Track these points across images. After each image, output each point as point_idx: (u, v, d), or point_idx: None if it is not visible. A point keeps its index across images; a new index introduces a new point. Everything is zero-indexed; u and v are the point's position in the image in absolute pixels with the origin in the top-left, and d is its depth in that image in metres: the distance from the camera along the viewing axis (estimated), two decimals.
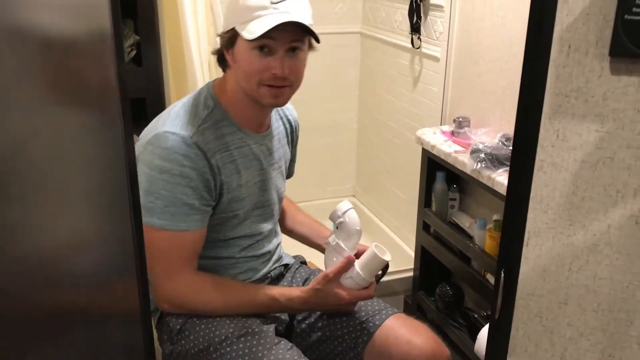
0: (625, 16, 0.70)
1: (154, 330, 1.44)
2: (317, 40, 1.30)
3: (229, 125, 1.34)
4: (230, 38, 1.29)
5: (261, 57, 1.26)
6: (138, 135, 1.38)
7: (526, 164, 0.81)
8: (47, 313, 0.67)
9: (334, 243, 1.38)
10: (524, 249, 0.84)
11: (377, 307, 1.46)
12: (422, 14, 2.35)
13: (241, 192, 1.37)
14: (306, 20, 1.28)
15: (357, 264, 1.35)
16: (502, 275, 0.87)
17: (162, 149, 1.25)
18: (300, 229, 1.67)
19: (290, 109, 1.57)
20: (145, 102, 2.01)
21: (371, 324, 1.42)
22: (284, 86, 1.30)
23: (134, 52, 2.01)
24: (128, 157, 0.87)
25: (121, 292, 0.91)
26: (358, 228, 1.39)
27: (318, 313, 1.46)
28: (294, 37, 1.27)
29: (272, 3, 1.24)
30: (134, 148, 0.89)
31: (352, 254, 1.38)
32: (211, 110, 1.33)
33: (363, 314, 1.43)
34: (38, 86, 0.64)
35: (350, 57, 3.05)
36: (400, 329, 1.41)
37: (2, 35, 0.55)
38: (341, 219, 1.37)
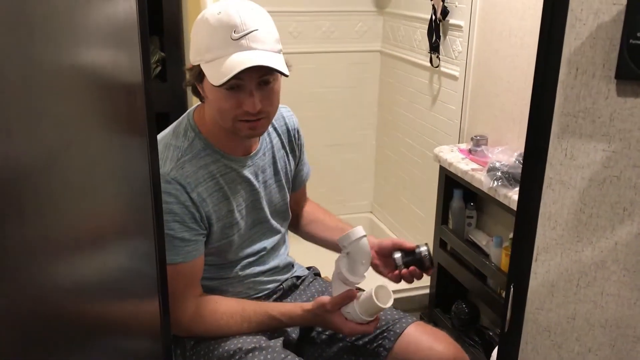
0: (631, 41, 0.73)
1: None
2: (285, 75, 1.24)
3: (212, 153, 1.33)
4: (198, 74, 1.26)
5: (231, 95, 1.23)
6: None
7: (535, 182, 0.83)
8: (71, 325, 0.70)
9: (339, 272, 1.33)
10: (533, 264, 0.86)
11: (396, 316, 1.47)
12: (441, 34, 2.39)
13: (233, 217, 1.36)
14: (272, 49, 1.24)
15: (356, 301, 1.30)
16: (512, 289, 0.89)
17: None
18: (332, 235, 1.58)
19: (286, 116, 1.49)
20: (168, 116, 2.06)
21: (392, 332, 1.44)
22: (259, 119, 1.27)
23: (159, 68, 2.08)
24: (152, 173, 0.90)
25: (143, 307, 0.94)
26: (364, 261, 1.31)
27: None
28: (262, 73, 1.22)
29: (233, 39, 1.19)
30: (158, 165, 0.93)
31: (360, 281, 1.34)
32: (192, 141, 1.32)
33: (383, 323, 1.43)
34: (70, 103, 0.67)
35: (369, 75, 3.09)
36: (422, 335, 1.43)
37: (39, 58, 0.59)
38: (348, 249, 1.30)
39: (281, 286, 1.52)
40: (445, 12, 2.32)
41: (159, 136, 1.37)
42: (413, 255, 1.43)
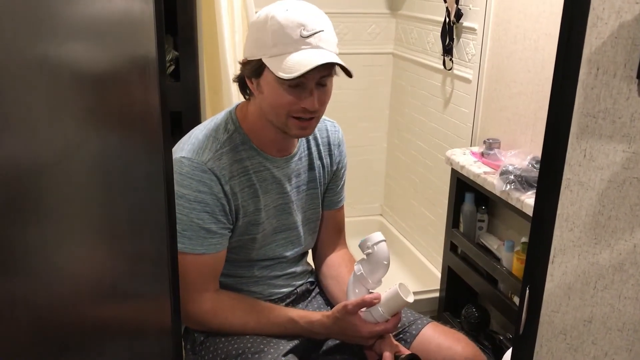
0: None
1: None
2: (350, 76, 1.27)
3: (249, 149, 1.34)
4: (257, 69, 1.27)
5: (291, 91, 1.25)
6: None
7: (553, 182, 0.82)
8: (83, 326, 0.70)
9: (359, 273, 1.35)
10: (550, 266, 0.85)
11: (411, 318, 1.48)
12: (454, 36, 2.38)
13: (260, 216, 1.37)
14: (334, 51, 1.27)
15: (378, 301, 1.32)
16: (527, 291, 0.88)
17: (178, 174, 1.27)
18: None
19: (330, 131, 1.52)
20: (181, 115, 2.07)
21: (408, 334, 1.45)
22: (311, 118, 1.30)
23: (172, 67, 2.08)
24: (166, 174, 0.90)
25: (155, 307, 0.94)
26: (385, 262, 1.34)
27: None
28: (325, 72, 1.26)
29: (303, 37, 1.22)
30: (172, 166, 0.92)
31: (376, 287, 1.36)
32: (231, 134, 1.33)
33: (399, 325, 1.43)
34: (84, 103, 0.67)
35: (382, 77, 3.08)
36: (440, 336, 1.44)
37: (54, 60, 0.59)
38: (369, 250, 1.33)
39: (295, 291, 1.51)
40: (459, 15, 2.32)
41: (199, 127, 1.39)
42: None
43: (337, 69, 1.29)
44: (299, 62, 1.21)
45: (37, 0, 0.56)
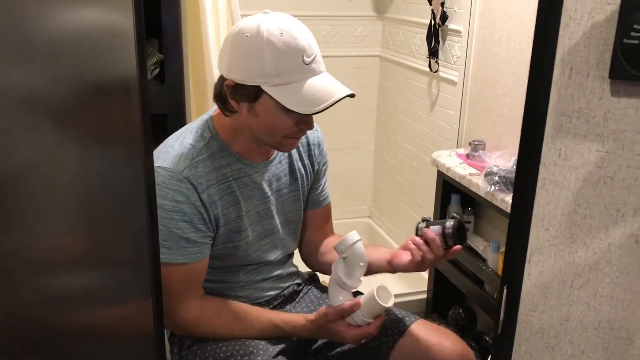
0: (624, 40, 0.73)
1: (167, 343, 1.46)
2: (352, 96, 1.27)
3: (227, 156, 1.33)
4: (254, 95, 1.23)
5: (292, 115, 1.24)
6: None
7: (529, 182, 0.83)
8: (66, 331, 0.70)
9: (336, 277, 1.34)
10: (527, 265, 0.86)
11: (399, 315, 1.48)
12: (440, 39, 2.39)
13: (242, 222, 1.36)
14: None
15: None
16: (505, 291, 0.88)
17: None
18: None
19: (310, 131, 1.49)
20: (166, 118, 2.06)
21: (395, 331, 1.44)
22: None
23: (157, 70, 2.07)
24: (147, 180, 0.90)
25: (138, 312, 0.94)
26: (362, 264, 1.33)
27: None
28: None
29: (306, 64, 1.22)
30: (153, 172, 0.92)
31: (355, 287, 1.35)
32: (208, 142, 1.31)
33: (387, 322, 1.43)
34: (63, 111, 0.67)
35: (369, 80, 3.09)
36: (429, 332, 1.44)
37: (33, 65, 0.59)
38: (345, 254, 1.32)
39: (282, 293, 1.51)
40: (444, 17, 2.33)
41: (175, 135, 1.37)
42: (438, 225, 1.36)
43: None
44: (316, 95, 1.21)
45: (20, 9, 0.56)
